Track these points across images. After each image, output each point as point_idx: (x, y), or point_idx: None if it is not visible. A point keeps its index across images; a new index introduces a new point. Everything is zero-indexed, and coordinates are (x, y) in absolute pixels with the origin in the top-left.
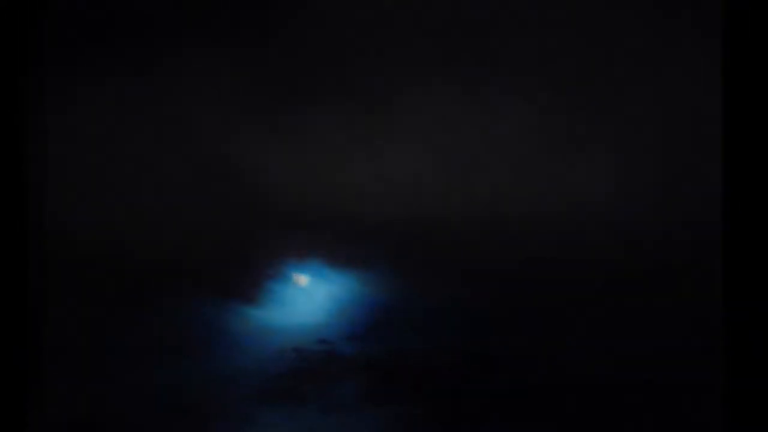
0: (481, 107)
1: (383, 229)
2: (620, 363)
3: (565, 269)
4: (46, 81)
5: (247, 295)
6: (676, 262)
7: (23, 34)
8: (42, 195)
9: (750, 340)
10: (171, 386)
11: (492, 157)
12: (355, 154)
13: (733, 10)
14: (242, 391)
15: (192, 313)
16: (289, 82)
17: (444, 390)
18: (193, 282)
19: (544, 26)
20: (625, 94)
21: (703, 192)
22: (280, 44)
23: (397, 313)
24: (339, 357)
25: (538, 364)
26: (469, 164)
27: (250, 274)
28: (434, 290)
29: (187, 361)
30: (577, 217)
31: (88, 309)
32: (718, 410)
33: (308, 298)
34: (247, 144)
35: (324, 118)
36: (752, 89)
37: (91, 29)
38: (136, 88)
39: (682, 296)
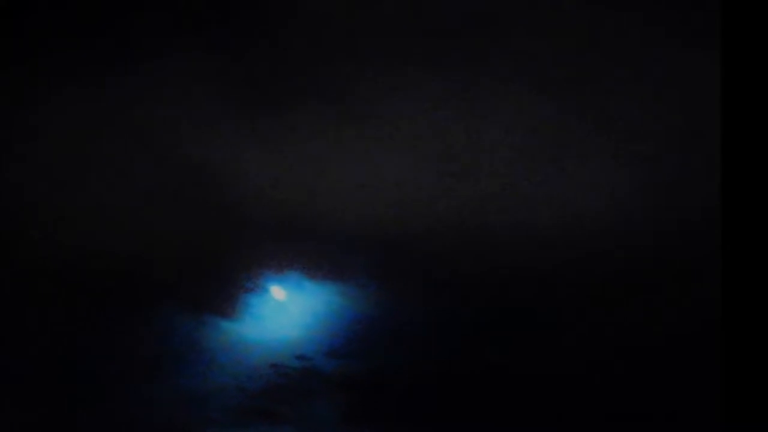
0: (469, 113)
1: (366, 239)
2: (613, 377)
3: (555, 280)
4: (22, 81)
5: (223, 308)
6: (672, 271)
7: None
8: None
9: (748, 347)
10: (142, 404)
11: (480, 164)
12: (338, 162)
13: (731, 18)
14: (217, 410)
15: (164, 328)
16: (270, 86)
17: (429, 408)
18: (166, 294)
19: (535, 30)
20: (619, 100)
21: (701, 199)
22: (260, 48)
23: (379, 328)
24: (318, 374)
25: (529, 378)
26: (456, 172)
27: (225, 287)
28: (419, 303)
29: (159, 377)
30: (568, 226)
31: (53, 322)
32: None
33: (286, 312)
34: (225, 149)
35: (305, 123)
36: (750, 96)
37: (68, 31)
38: (110, 91)
39: (678, 305)
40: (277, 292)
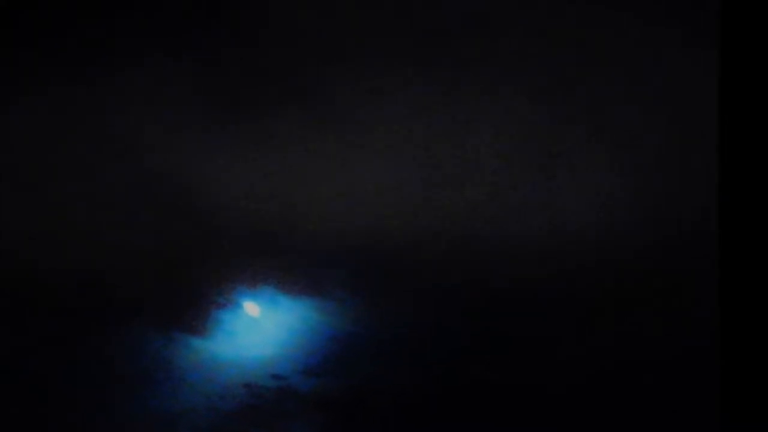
0: (454, 118)
1: (345, 251)
2: (611, 378)
3: (545, 294)
4: None
5: (193, 325)
6: (670, 272)
7: None
8: None
9: (747, 348)
10: (109, 425)
11: (466, 172)
12: (316, 169)
13: (730, 21)
14: (188, 431)
15: (131, 345)
16: (244, 90)
17: (411, 427)
18: (133, 310)
19: (526, 30)
20: (614, 102)
21: (699, 204)
22: (232, 50)
23: (358, 345)
24: (294, 393)
25: (519, 392)
26: (441, 180)
27: (196, 302)
28: (401, 318)
29: (126, 397)
30: (559, 238)
31: (9, 342)
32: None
33: (260, 328)
34: (196, 157)
35: (281, 129)
36: (749, 101)
37: (31, 33)
38: (77, 96)
39: (673, 320)
40: (250, 307)
